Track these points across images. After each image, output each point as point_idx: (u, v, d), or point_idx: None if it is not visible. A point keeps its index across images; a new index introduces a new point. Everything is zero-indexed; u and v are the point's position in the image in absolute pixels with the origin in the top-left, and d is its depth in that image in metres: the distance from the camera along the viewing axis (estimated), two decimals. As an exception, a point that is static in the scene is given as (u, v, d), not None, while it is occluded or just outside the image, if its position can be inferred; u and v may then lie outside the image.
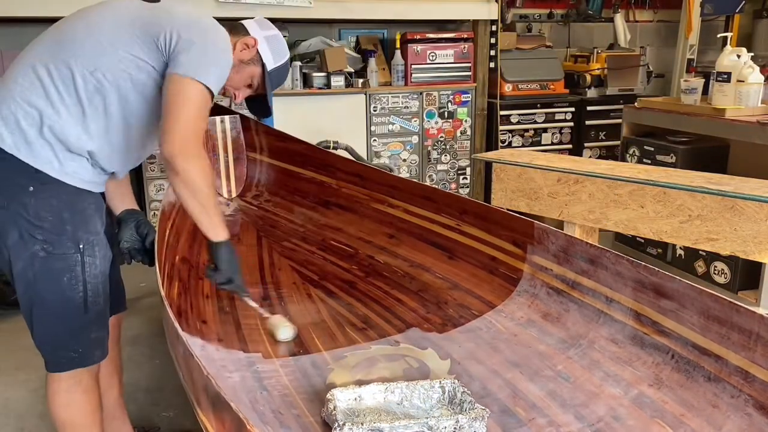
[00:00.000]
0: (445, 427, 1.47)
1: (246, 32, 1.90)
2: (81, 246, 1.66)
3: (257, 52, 1.90)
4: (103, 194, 1.80)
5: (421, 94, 4.36)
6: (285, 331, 2.01)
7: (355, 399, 1.61)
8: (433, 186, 3.18)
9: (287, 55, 1.99)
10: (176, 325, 1.47)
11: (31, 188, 1.59)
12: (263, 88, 1.96)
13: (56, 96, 1.61)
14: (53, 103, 1.60)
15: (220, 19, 1.81)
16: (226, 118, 3.13)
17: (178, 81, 1.63)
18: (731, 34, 4.09)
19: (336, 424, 1.47)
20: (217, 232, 1.79)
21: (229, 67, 1.76)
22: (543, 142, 4.69)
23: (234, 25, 1.90)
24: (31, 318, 1.68)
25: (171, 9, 1.73)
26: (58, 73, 1.61)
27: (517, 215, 2.16)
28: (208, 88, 1.66)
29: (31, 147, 1.59)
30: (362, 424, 1.48)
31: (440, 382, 1.66)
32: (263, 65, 1.92)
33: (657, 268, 1.69)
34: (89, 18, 1.71)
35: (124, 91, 1.65)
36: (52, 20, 1.82)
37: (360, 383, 1.73)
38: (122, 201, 1.97)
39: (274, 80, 1.96)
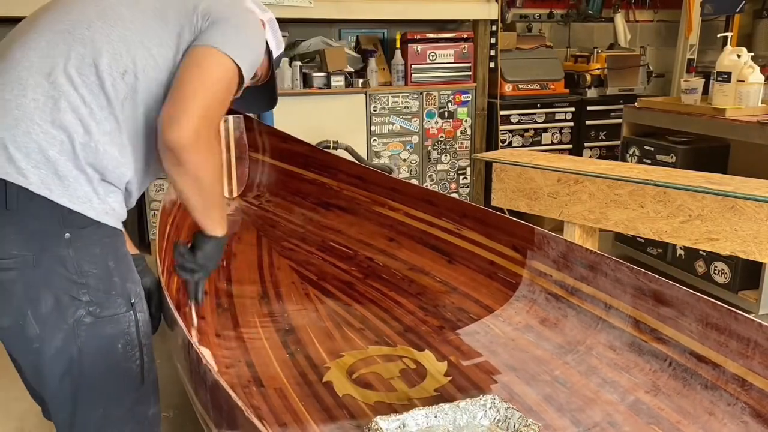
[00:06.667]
0: None
1: None
2: (132, 300, 1.33)
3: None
4: None
5: (421, 94, 4.35)
6: None
7: (399, 427, 1.52)
8: (434, 189, 3.18)
9: (283, 44, 1.75)
10: (176, 315, 1.47)
11: (68, 235, 1.22)
12: (267, 76, 1.67)
13: (85, 110, 1.23)
14: (82, 119, 1.23)
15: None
16: (230, 117, 3.14)
17: (201, 51, 1.30)
18: (731, 34, 4.08)
19: None
20: (215, 228, 1.51)
21: (261, 56, 1.47)
22: (543, 142, 4.68)
23: None
24: (74, 406, 1.30)
25: None
26: (82, 79, 1.24)
27: (518, 220, 2.16)
28: (238, 68, 1.33)
29: (64, 182, 1.21)
30: None
31: (481, 398, 1.59)
32: (269, 52, 1.61)
33: (657, 276, 1.69)
34: None
35: (154, 97, 1.31)
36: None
37: (357, 383, 1.73)
38: None
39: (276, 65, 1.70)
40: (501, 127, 4.53)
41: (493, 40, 4.49)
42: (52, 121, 1.21)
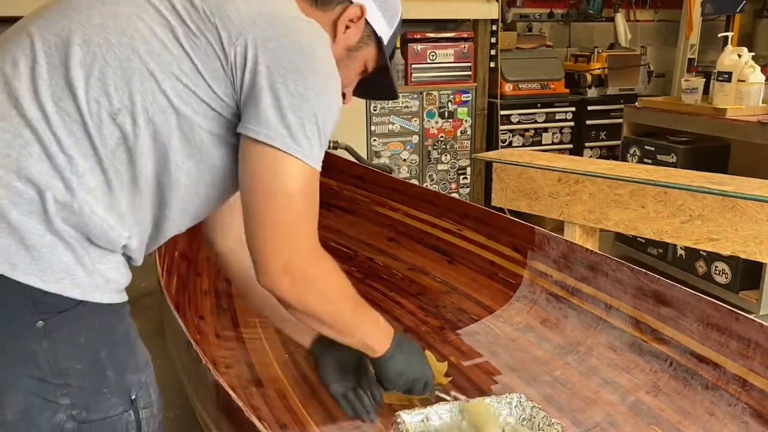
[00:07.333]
0: None
1: None
2: (133, 396, 0.99)
3: (365, 22, 1.19)
4: None
5: (421, 93, 4.35)
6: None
7: (423, 421, 1.49)
8: (434, 189, 3.17)
9: (399, 7, 1.29)
10: (176, 315, 1.47)
11: (40, 323, 0.89)
12: (376, 66, 1.28)
13: (62, 158, 0.89)
14: (61, 171, 0.89)
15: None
16: None
17: (265, 157, 0.97)
18: (732, 33, 4.06)
19: None
20: (376, 346, 1.32)
21: (339, 110, 1.05)
22: (543, 142, 4.68)
23: None
24: None
25: None
26: (60, 115, 0.89)
27: (519, 221, 2.16)
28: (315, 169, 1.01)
29: (34, 254, 0.88)
30: None
31: (507, 396, 1.55)
32: (378, 39, 1.23)
33: (657, 276, 1.69)
34: (95, 5, 0.96)
35: (163, 140, 0.95)
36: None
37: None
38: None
39: (390, 49, 1.29)
40: (501, 127, 4.53)
41: (493, 40, 4.48)
42: (17, 171, 0.87)
